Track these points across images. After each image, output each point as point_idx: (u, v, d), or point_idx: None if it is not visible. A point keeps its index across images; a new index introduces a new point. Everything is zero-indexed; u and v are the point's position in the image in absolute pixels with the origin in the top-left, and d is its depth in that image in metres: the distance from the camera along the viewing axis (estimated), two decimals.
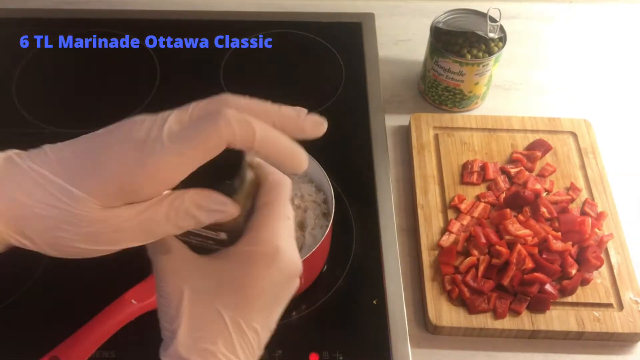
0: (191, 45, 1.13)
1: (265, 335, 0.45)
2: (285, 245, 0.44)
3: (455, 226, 0.87)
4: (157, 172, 0.39)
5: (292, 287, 0.46)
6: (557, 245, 0.82)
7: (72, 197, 0.39)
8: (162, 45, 1.11)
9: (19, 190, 0.40)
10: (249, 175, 0.45)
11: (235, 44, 1.12)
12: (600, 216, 0.88)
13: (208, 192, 0.42)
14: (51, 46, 1.12)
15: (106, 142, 0.40)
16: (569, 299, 0.81)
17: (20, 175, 0.40)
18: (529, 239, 0.83)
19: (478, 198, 0.90)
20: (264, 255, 0.43)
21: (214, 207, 0.42)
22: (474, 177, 0.92)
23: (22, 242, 0.44)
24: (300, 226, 0.80)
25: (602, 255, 0.84)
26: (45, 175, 0.40)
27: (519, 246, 0.82)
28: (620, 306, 0.80)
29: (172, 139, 0.39)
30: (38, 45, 1.12)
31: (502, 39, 0.97)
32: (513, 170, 0.92)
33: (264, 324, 0.45)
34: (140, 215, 0.41)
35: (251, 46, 1.12)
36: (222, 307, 0.43)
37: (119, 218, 0.41)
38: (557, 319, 0.79)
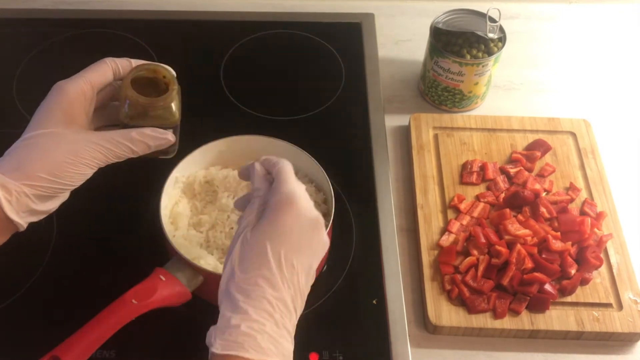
0: (191, 45, 1.13)
1: (302, 275, 0.56)
2: (300, 195, 0.58)
3: (455, 226, 0.87)
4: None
5: (317, 234, 0.58)
6: (557, 245, 0.83)
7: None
8: (162, 45, 1.11)
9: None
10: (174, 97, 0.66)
11: (235, 44, 1.12)
12: (599, 216, 0.88)
13: (151, 128, 0.64)
14: (51, 46, 1.12)
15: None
16: (569, 298, 0.81)
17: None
18: (529, 238, 0.83)
19: (478, 198, 0.90)
20: (283, 200, 0.58)
21: (157, 136, 0.64)
22: (474, 177, 0.92)
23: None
24: None
25: (602, 255, 0.84)
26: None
27: (518, 246, 0.82)
28: (620, 306, 0.80)
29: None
30: (38, 45, 1.12)
31: (502, 39, 0.97)
32: (512, 170, 0.92)
33: (299, 261, 0.56)
34: (108, 137, 0.62)
35: (251, 46, 1.13)
36: (266, 240, 0.56)
37: (95, 136, 0.62)
38: (556, 318, 0.79)
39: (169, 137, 0.65)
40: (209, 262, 0.75)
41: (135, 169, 0.69)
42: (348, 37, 1.14)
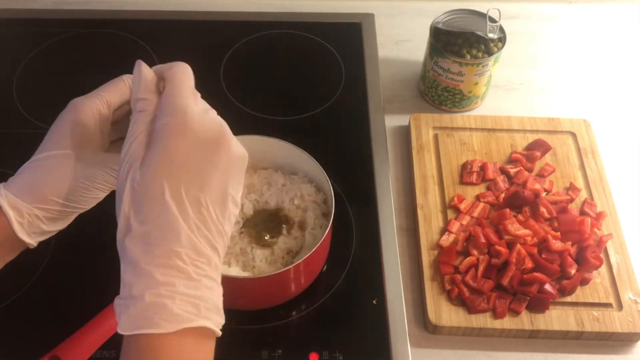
0: (191, 45, 1.13)
1: (217, 211, 0.48)
2: (194, 111, 0.49)
3: (455, 226, 0.87)
4: None
5: (223, 152, 0.49)
6: (557, 245, 0.83)
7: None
8: (162, 45, 1.11)
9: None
10: None
11: (235, 44, 1.12)
12: (599, 216, 0.88)
13: None
14: (51, 46, 1.12)
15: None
16: (569, 298, 0.81)
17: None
18: (529, 238, 0.83)
19: (477, 198, 0.90)
20: (174, 123, 0.48)
21: None
22: (474, 177, 0.92)
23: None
24: (300, 226, 0.80)
25: (602, 255, 0.84)
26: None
27: (518, 246, 0.82)
28: (620, 306, 0.80)
29: None
30: (38, 45, 1.12)
31: (502, 39, 0.97)
32: (512, 170, 0.92)
33: (206, 194, 0.48)
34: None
35: (251, 46, 1.13)
36: (160, 178, 0.47)
37: (110, 160, 0.57)
38: (556, 318, 0.79)
39: None
40: None
41: None
42: (348, 37, 1.14)
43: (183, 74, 0.52)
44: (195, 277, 0.46)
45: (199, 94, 0.52)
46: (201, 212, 0.48)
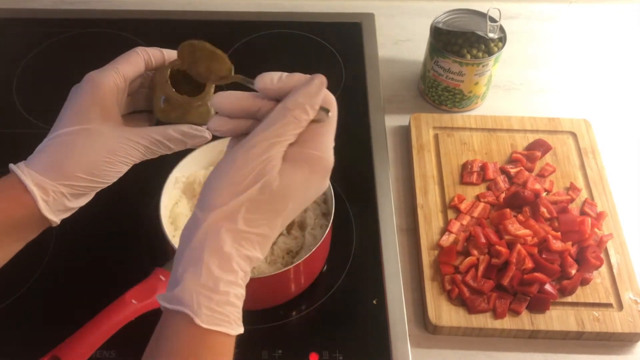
0: None
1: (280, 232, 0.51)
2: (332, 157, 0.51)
3: (455, 226, 0.87)
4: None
5: (319, 193, 0.53)
6: (557, 245, 0.83)
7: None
8: (161, 45, 1.11)
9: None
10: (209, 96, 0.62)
11: (235, 44, 1.12)
12: (599, 216, 0.88)
13: (189, 126, 0.61)
14: (51, 46, 1.12)
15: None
16: (569, 298, 0.81)
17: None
18: (529, 238, 0.83)
19: (478, 198, 0.90)
20: (325, 164, 0.51)
21: (195, 134, 0.61)
22: (474, 177, 0.92)
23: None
24: (300, 226, 0.80)
25: (602, 255, 0.84)
26: None
27: (518, 246, 0.82)
28: (620, 306, 0.80)
29: None
30: (38, 45, 1.12)
31: (502, 39, 0.97)
32: (513, 170, 0.92)
33: (288, 220, 0.51)
34: (145, 134, 0.59)
35: (251, 46, 1.13)
36: (290, 200, 0.49)
37: (132, 133, 0.59)
38: (556, 318, 0.79)
39: (206, 134, 0.63)
40: None
41: (135, 169, 0.69)
42: (348, 37, 1.14)
43: (335, 110, 0.52)
44: (243, 285, 0.49)
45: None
46: (284, 226, 0.51)
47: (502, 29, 0.97)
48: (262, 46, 1.13)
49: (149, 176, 0.79)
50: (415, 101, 1.06)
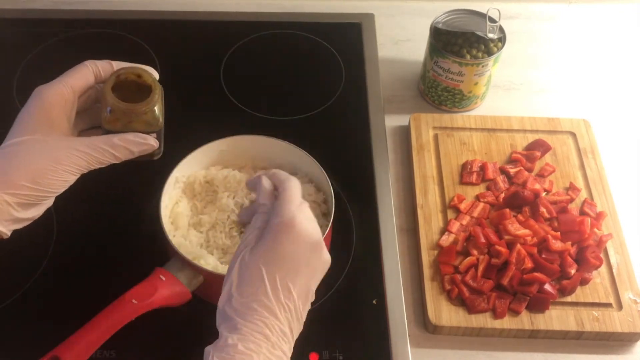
0: (191, 45, 1.13)
1: (300, 301, 0.57)
2: (300, 218, 0.59)
3: (455, 226, 0.87)
4: None
5: (317, 255, 0.59)
6: (557, 245, 0.83)
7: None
8: (162, 45, 1.11)
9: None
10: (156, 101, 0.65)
11: (235, 44, 1.12)
12: (599, 216, 0.88)
13: (133, 134, 0.63)
14: (51, 46, 1.12)
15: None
16: (569, 298, 0.81)
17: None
18: (529, 238, 0.83)
19: (477, 198, 0.90)
20: (283, 224, 0.58)
21: (140, 142, 0.63)
22: (474, 177, 0.92)
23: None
24: None
25: (602, 255, 0.84)
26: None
27: (518, 246, 0.82)
28: (620, 306, 0.80)
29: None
30: (38, 45, 1.12)
31: (502, 39, 0.97)
32: (512, 170, 0.92)
33: (296, 286, 0.57)
34: (89, 143, 0.61)
35: (251, 46, 1.13)
36: (262, 264, 0.56)
37: (76, 142, 0.61)
38: (556, 318, 0.79)
39: (152, 142, 0.65)
40: (209, 262, 0.75)
41: (135, 169, 0.69)
42: (348, 37, 1.14)
43: (295, 187, 0.62)
44: (276, 346, 0.54)
45: (306, 204, 0.62)
46: (289, 299, 0.56)
47: (501, 29, 0.97)
48: (262, 46, 1.13)
49: (149, 176, 0.79)
50: (415, 101, 1.06)
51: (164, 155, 0.69)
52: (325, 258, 0.60)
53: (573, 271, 0.82)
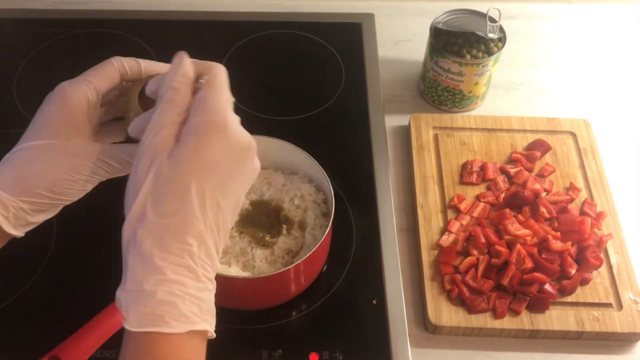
0: (191, 45, 1.12)
1: (228, 214, 0.48)
2: (232, 119, 0.49)
3: (455, 226, 0.87)
4: None
5: (249, 163, 0.50)
6: (557, 245, 0.83)
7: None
8: (162, 45, 1.11)
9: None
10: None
11: (235, 44, 1.12)
12: (599, 216, 0.88)
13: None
14: (51, 46, 1.12)
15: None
16: (569, 298, 0.81)
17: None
18: (529, 238, 0.83)
19: (477, 198, 0.90)
20: (213, 123, 0.48)
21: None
22: (474, 177, 0.92)
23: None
24: (300, 226, 0.80)
25: (602, 255, 0.84)
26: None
27: (518, 246, 0.82)
28: (620, 306, 0.80)
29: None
30: (38, 45, 1.12)
31: (502, 39, 0.97)
32: (512, 170, 0.92)
33: (226, 199, 0.48)
34: (112, 154, 0.56)
35: (251, 46, 1.13)
36: (188, 175, 0.46)
37: (98, 151, 0.56)
38: (556, 318, 0.79)
39: None
40: None
41: None
42: (348, 37, 1.14)
43: (223, 77, 0.52)
44: (202, 279, 0.46)
45: (232, 100, 0.52)
46: (218, 215, 0.48)
47: (501, 29, 0.97)
48: (262, 46, 1.13)
49: None
50: (415, 101, 1.06)
51: None
52: (256, 165, 0.52)
53: (573, 271, 0.81)
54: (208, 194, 0.47)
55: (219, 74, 0.52)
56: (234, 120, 0.49)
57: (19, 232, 0.56)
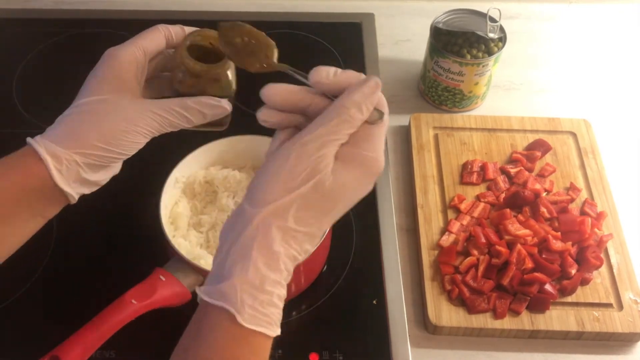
0: None
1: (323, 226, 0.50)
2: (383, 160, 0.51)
3: (455, 226, 0.87)
4: None
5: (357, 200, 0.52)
6: (557, 245, 0.83)
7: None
8: None
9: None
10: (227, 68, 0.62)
11: None
12: (599, 216, 0.88)
13: (207, 97, 0.60)
14: (51, 46, 1.12)
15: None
16: (569, 298, 0.81)
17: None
18: (529, 238, 0.83)
19: (478, 198, 0.90)
20: (378, 165, 0.50)
21: (213, 104, 0.60)
22: (474, 177, 0.92)
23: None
24: None
25: (602, 255, 0.84)
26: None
27: (518, 246, 0.82)
28: (620, 306, 0.80)
29: None
30: (38, 45, 1.12)
31: (502, 39, 0.97)
32: (513, 170, 0.92)
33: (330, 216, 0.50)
34: (163, 105, 0.58)
35: None
36: (337, 198, 0.49)
37: (150, 104, 0.58)
38: (556, 318, 0.79)
39: (225, 105, 0.61)
40: (209, 262, 0.75)
41: (135, 169, 0.69)
42: (348, 37, 1.14)
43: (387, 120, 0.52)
44: (285, 285, 0.49)
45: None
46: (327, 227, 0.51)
47: (502, 29, 0.97)
48: None
49: (149, 176, 0.79)
50: (415, 101, 1.06)
51: (164, 155, 0.69)
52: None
53: (573, 271, 0.81)
54: (335, 217, 0.50)
55: (388, 117, 0.52)
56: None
57: (72, 191, 0.56)
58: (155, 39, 0.61)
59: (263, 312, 0.46)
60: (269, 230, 0.47)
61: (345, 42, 1.13)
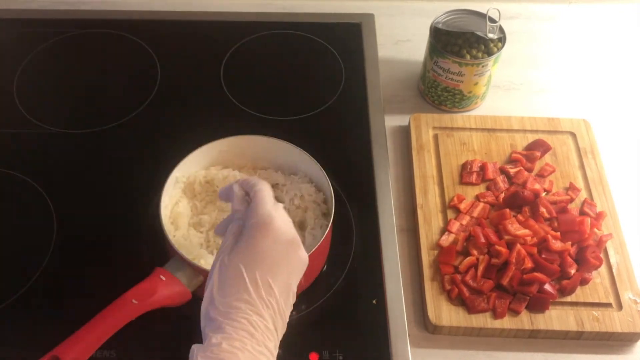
0: (191, 45, 1.13)
1: (282, 298, 0.58)
2: (275, 217, 0.61)
3: (455, 226, 0.87)
4: None
5: (293, 252, 0.60)
6: (557, 245, 0.83)
7: None
8: (162, 45, 1.11)
9: None
10: None
11: (235, 44, 1.12)
12: (599, 216, 0.88)
13: None
14: (51, 46, 1.12)
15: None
16: (568, 298, 0.81)
17: None
18: (528, 238, 0.83)
19: (477, 198, 0.90)
20: (259, 224, 0.60)
21: None
22: (474, 177, 0.92)
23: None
24: (300, 226, 0.80)
25: (601, 255, 0.84)
26: None
27: (518, 246, 0.82)
28: (620, 306, 0.80)
29: None
30: (38, 45, 1.12)
31: (502, 40, 0.97)
32: (512, 170, 0.92)
33: (276, 283, 0.58)
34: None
35: (251, 46, 1.13)
36: (241, 263, 0.58)
37: None
38: (556, 318, 0.79)
39: None
40: (209, 262, 0.75)
41: (135, 169, 0.69)
42: (348, 37, 1.14)
43: (266, 190, 0.64)
44: (260, 343, 0.55)
45: (280, 205, 0.64)
46: (271, 295, 0.57)
47: (501, 29, 0.97)
48: (262, 46, 1.13)
49: (149, 176, 0.79)
50: (415, 101, 1.06)
51: (164, 155, 0.69)
52: (302, 256, 0.61)
53: (573, 271, 0.82)
54: (259, 277, 0.57)
55: (260, 189, 0.64)
56: (278, 219, 0.61)
57: None
58: None
59: (217, 358, 0.53)
60: (208, 313, 0.57)
61: (345, 42, 1.13)
